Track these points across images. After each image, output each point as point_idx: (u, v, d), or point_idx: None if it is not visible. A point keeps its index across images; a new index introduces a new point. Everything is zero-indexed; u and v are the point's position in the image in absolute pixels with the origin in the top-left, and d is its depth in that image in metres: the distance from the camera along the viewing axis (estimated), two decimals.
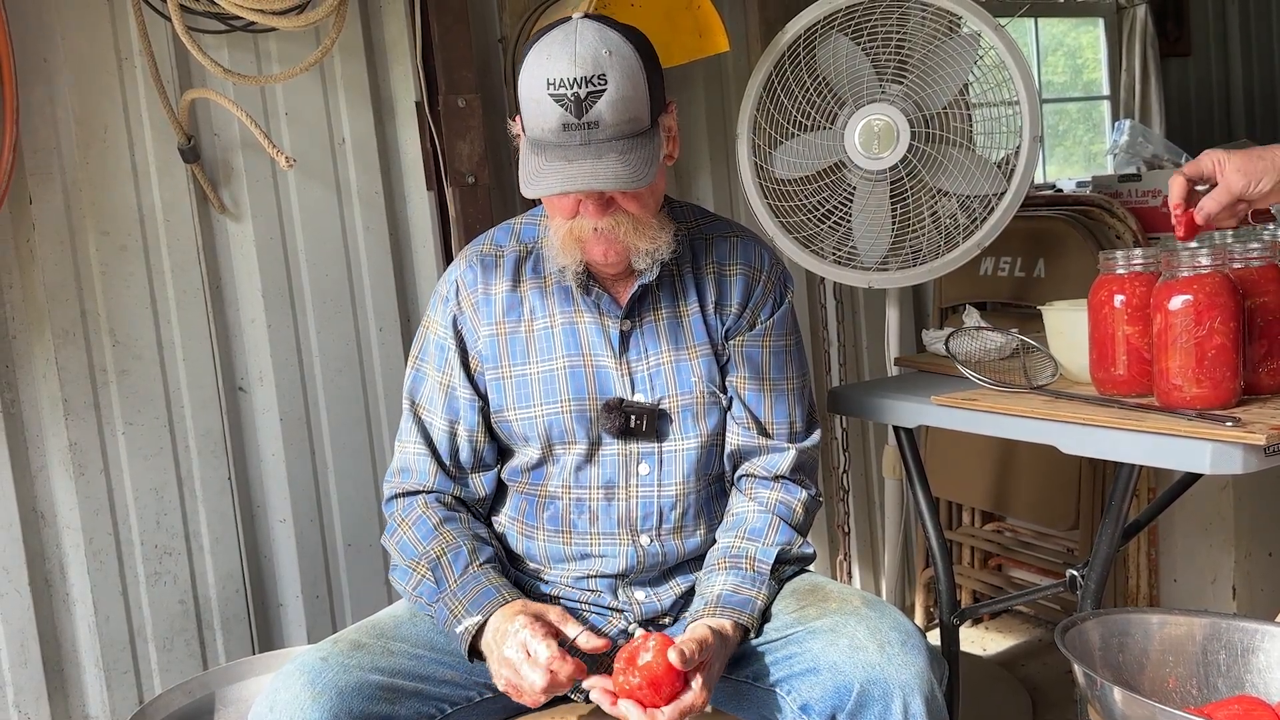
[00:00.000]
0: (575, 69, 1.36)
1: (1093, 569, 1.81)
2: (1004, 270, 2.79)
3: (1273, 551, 2.60)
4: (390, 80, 2.31)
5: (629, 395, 1.57)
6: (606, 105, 1.37)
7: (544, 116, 1.38)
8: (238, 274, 2.19)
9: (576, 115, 1.37)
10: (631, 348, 1.58)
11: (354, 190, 2.27)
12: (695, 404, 1.58)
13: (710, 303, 1.60)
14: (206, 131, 2.13)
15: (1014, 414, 1.69)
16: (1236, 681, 1.24)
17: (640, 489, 1.58)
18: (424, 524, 1.56)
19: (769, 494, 1.61)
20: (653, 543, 1.58)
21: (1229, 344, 1.49)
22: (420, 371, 1.64)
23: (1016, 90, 2.20)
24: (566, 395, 1.56)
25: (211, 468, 2.17)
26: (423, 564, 1.52)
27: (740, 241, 1.64)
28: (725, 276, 1.62)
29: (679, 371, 1.58)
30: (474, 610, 1.45)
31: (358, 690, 1.39)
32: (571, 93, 1.36)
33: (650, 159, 1.41)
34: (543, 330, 1.59)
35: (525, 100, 1.41)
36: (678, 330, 1.59)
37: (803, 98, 2.23)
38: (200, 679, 1.98)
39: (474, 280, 1.61)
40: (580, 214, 1.46)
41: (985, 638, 3.05)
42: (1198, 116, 4.53)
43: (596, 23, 1.42)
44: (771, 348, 1.62)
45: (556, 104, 1.37)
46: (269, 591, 2.26)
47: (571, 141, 1.38)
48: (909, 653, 1.39)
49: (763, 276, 1.63)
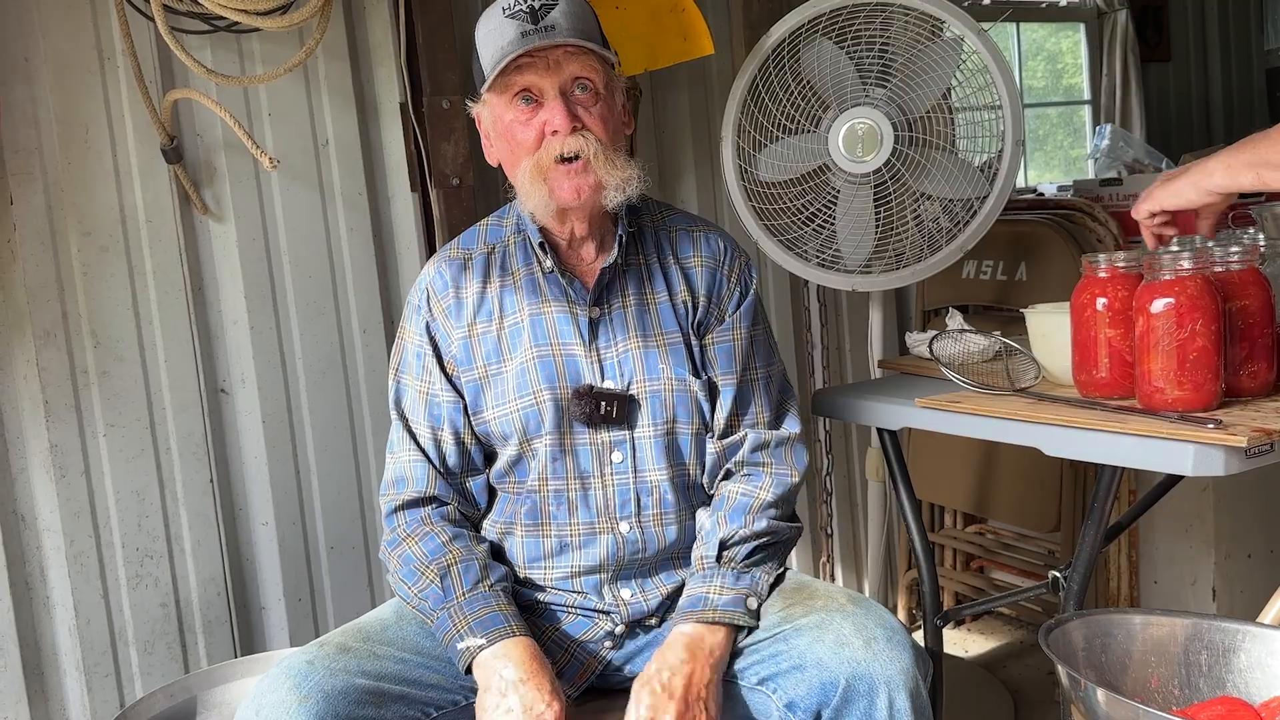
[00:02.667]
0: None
1: (1075, 571, 1.82)
2: (986, 273, 2.80)
3: (1252, 553, 2.62)
4: (374, 81, 2.30)
5: (599, 382, 1.57)
6: (560, 13, 1.48)
7: (502, 34, 1.48)
8: (220, 275, 2.18)
9: (533, 22, 1.46)
10: (600, 335, 1.60)
11: (337, 191, 2.26)
12: (664, 391, 1.59)
13: (678, 294, 1.62)
14: (189, 132, 2.12)
15: (997, 416, 1.70)
16: (1218, 681, 1.25)
17: (616, 477, 1.58)
18: (433, 539, 1.55)
19: (728, 486, 1.62)
20: (632, 529, 1.58)
21: (1210, 346, 1.50)
22: (401, 383, 1.65)
23: (999, 94, 2.21)
24: (539, 385, 1.57)
25: (193, 470, 2.15)
26: (432, 569, 1.51)
27: (703, 235, 1.67)
28: (691, 269, 1.64)
29: (647, 358, 1.59)
30: (479, 631, 1.45)
31: (344, 694, 1.38)
32: (525, 6, 1.47)
33: (606, 56, 1.50)
34: (513, 326, 1.60)
35: (484, 37, 1.51)
36: (646, 318, 1.61)
37: (787, 101, 2.24)
38: (182, 682, 1.96)
39: (444, 285, 1.63)
40: (545, 136, 1.50)
41: (967, 639, 3.06)
42: (1177, 121, 4.57)
43: None
44: (741, 340, 1.64)
45: (512, 19, 1.47)
46: (251, 594, 2.25)
47: (530, 43, 1.46)
48: (894, 649, 1.40)
49: (726, 269, 1.65)
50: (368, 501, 2.33)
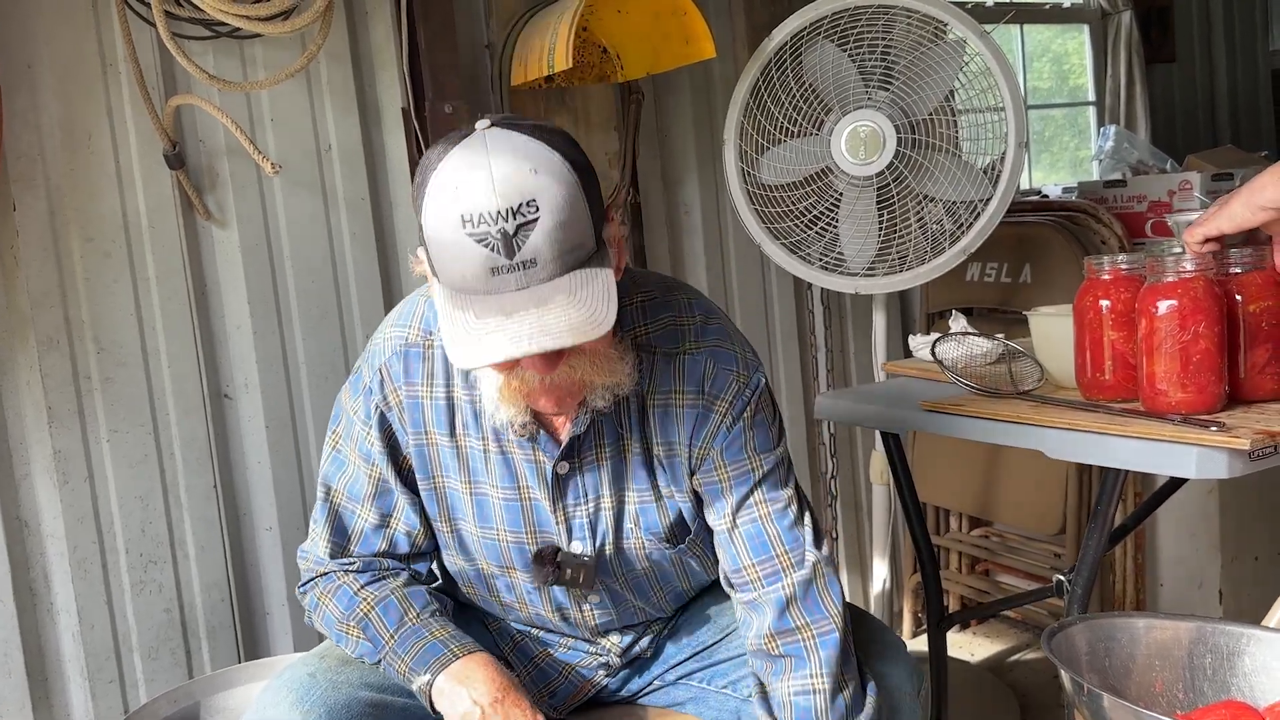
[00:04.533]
0: (496, 199, 1.10)
1: (1079, 574, 1.81)
2: (990, 276, 2.80)
3: (1259, 555, 2.61)
4: (377, 86, 2.31)
5: (565, 543, 1.40)
6: (543, 237, 1.11)
7: (464, 261, 1.12)
8: (223, 281, 2.18)
9: (507, 255, 1.11)
10: (569, 491, 1.39)
11: (340, 196, 2.27)
12: (636, 550, 1.43)
13: (657, 443, 1.38)
14: (192, 138, 2.12)
15: (1000, 419, 1.70)
16: (1223, 685, 1.24)
17: (597, 612, 1.49)
18: (344, 592, 1.40)
19: (777, 686, 1.38)
20: (624, 637, 1.54)
21: (1214, 348, 1.50)
22: (341, 456, 1.43)
23: (1002, 96, 2.20)
24: (503, 526, 1.40)
25: (197, 475, 2.15)
26: (352, 625, 1.39)
27: (689, 360, 1.36)
28: (670, 409, 1.36)
29: (621, 517, 1.40)
30: (420, 670, 1.33)
31: (346, 707, 1.35)
32: (497, 229, 1.10)
33: (605, 291, 1.14)
34: (476, 451, 1.38)
35: (435, 243, 1.15)
36: (621, 469, 1.38)
37: (789, 104, 2.24)
38: (186, 688, 1.96)
39: (400, 375, 1.38)
40: (524, 367, 1.22)
41: (973, 643, 3.05)
42: (1183, 122, 4.55)
43: (509, 131, 1.16)
44: (731, 479, 1.39)
45: (479, 245, 1.11)
46: (255, 599, 2.25)
47: (505, 287, 1.12)
48: (886, 663, 1.38)
49: (710, 401, 1.36)
50: None
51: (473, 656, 1.33)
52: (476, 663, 1.33)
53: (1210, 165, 2.86)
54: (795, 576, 1.37)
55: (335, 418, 1.45)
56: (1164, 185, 2.73)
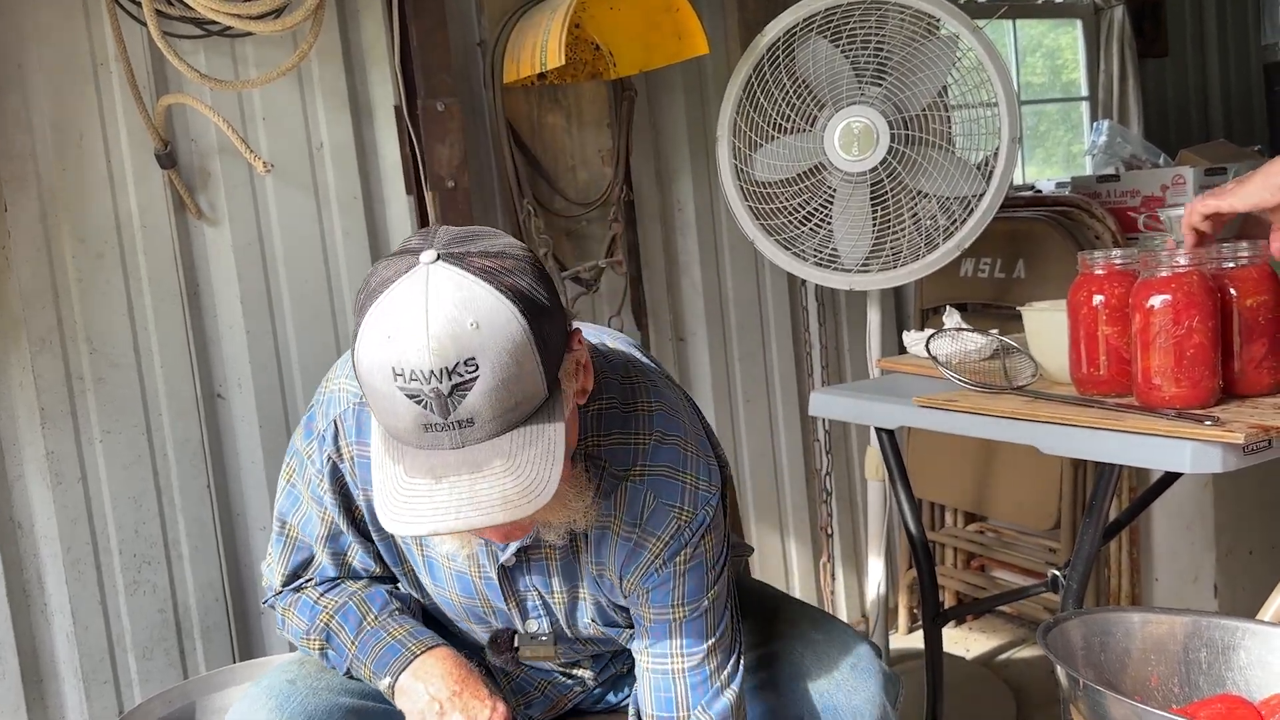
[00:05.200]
0: (430, 357, 0.99)
1: (1075, 569, 1.81)
2: (984, 271, 2.80)
3: (1254, 549, 2.62)
4: (368, 84, 2.30)
5: (520, 624, 1.38)
6: (481, 397, 1.01)
7: (397, 415, 1.03)
8: (216, 280, 2.17)
9: (441, 414, 1.01)
10: (518, 581, 1.35)
11: (332, 195, 2.26)
12: (594, 632, 1.40)
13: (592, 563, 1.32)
14: (183, 137, 2.12)
15: (994, 415, 1.69)
16: (1218, 679, 1.24)
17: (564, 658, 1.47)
18: (305, 603, 1.40)
19: None
20: (597, 664, 1.52)
21: (1208, 343, 1.49)
22: (295, 492, 1.39)
23: (995, 92, 2.20)
24: (455, 592, 1.37)
25: (190, 476, 2.15)
26: (314, 638, 1.38)
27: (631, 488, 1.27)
28: (607, 533, 1.29)
29: (573, 608, 1.37)
30: (381, 673, 1.32)
31: (327, 714, 1.35)
32: (430, 388, 1.00)
33: (552, 450, 1.05)
34: None
35: (368, 388, 1.05)
36: (574, 569, 1.33)
37: (782, 100, 2.23)
38: (180, 688, 1.96)
39: (353, 431, 1.30)
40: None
41: (969, 638, 3.06)
42: (1175, 117, 4.56)
43: (455, 271, 1.03)
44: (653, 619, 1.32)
45: (411, 401, 1.01)
46: (249, 600, 2.24)
47: (439, 444, 1.03)
48: (858, 676, 1.36)
49: (643, 537, 1.28)
50: None
51: (431, 652, 1.31)
52: (434, 657, 1.31)
53: (1203, 160, 2.86)
54: None
55: (290, 452, 1.39)
56: (1157, 180, 2.73)
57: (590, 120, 2.57)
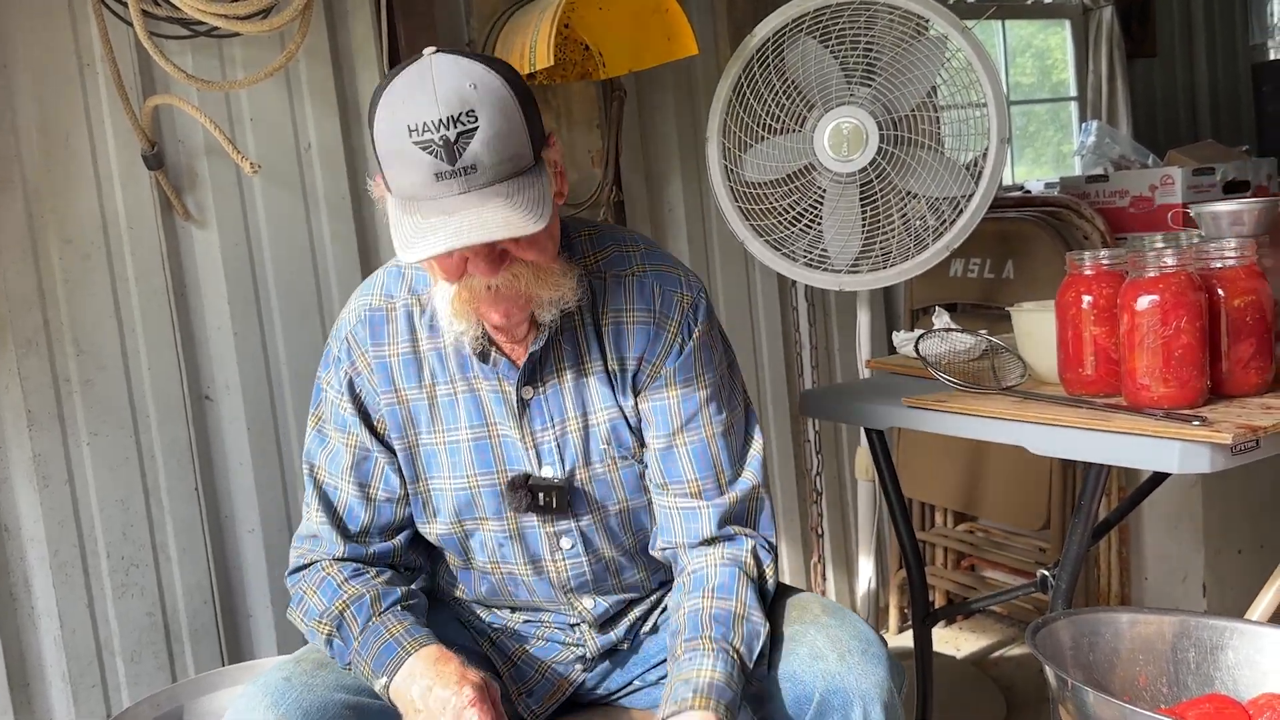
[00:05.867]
0: (439, 108, 1.20)
1: (1064, 569, 1.81)
2: (973, 271, 2.80)
3: (1242, 549, 2.63)
4: (356, 84, 2.29)
5: (536, 469, 1.45)
6: (481, 145, 1.21)
7: (411, 169, 1.22)
8: (203, 281, 2.16)
9: (449, 161, 1.20)
10: (535, 416, 1.45)
11: (320, 195, 2.25)
12: (608, 473, 1.47)
13: (611, 358, 1.45)
14: (170, 138, 2.11)
15: (983, 415, 1.70)
16: (1206, 679, 1.25)
17: (569, 561, 1.50)
18: (329, 584, 1.44)
19: (717, 550, 1.46)
20: (597, 603, 1.54)
21: (1195, 343, 1.50)
22: (322, 433, 1.49)
23: (984, 92, 2.21)
24: (474, 470, 1.45)
25: (178, 478, 2.14)
26: (326, 623, 1.42)
27: (637, 281, 1.46)
28: (623, 325, 1.45)
29: (588, 438, 1.45)
30: (379, 672, 1.36)
31: (322, 710, 1.35)
32: (439, 136, 1.20)
33: (541, 198, 1.25)
34: (446, 398, 1.45)
35: (386, 155, 1.25)
36: (584, 391, 1.45)
37: (772, 101, 2.23)
38: (169, 691, 1.95)
39: (365, 339, 1.46)
40: (470, 272, 1.30)
41: (959, 638, 3.06)
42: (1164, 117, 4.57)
43: (453, 55, 1.26)
44: (679, 396, 1.45)
45: (423, 152, 1.21)
46: (238, 602, 2.23)
47: (448, 191, 1.22)
48: (869, 661, 1.36)
49: (660, 319, 1.45)
50: None
51: (418, 653, 1.36)
52: (419, 658, 1.35)
53: (1191, 160, 2.87)
54: (735, 493, 1.47)
55: (314, 397, 1.51)
56: (1145, 180, 2.74)
57: (580, 121, 2.57)
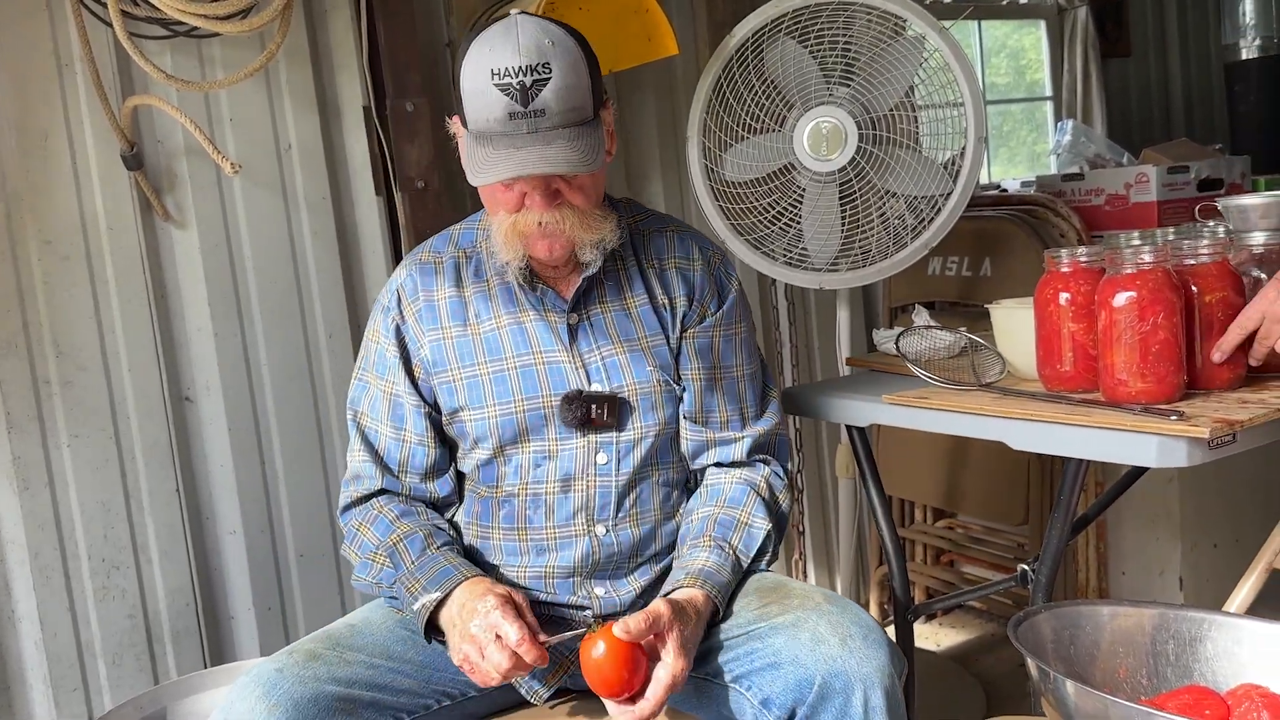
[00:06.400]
0: (520, 58, 1.38)
1: (1043, 564, 1.83)
2: (951, 270, 2.82)
3: (1218, 543, 2.66)
4: (336, 84, 2.29)
5: (586, 385, 1.57)
6: (552, 93, 1.39)
7: (489, 107, 1.40)
8: (183, 282, 2.15)
9: (522, 103, 1.38)
10: (581, 340, 1.58)
11: (301, 196, 2.25)
12: (653, 393, 1.58)
13: (658, 297, 1.61)
14: (150, 138, 2.10)
15: (963, 411, 1.71)
16: (1185, 670, 1.26)
17: (599, 479, 1.58)
18: (381, 521, 1.57)
19: (726, 474, 1.63)
20: (608, 533, 1.58)
21: (1172, 339, 1.52)
22: (363, 381, 1.64)
23: (961, 92, 2.22)
24: (520, 395, 1.56)
25: (159, 479, 2.13)
26: (380, 554, 1.54)
27: (676, 236, 1.66)
28: (666, 271, 1.63)
29: (634, 361, 1.58)
30: (432, 587, 1.45)
31: (314, 701, 1.37)
32: (517, 81, 1.38)
33: (596, 146, 1.43)
34: (490, 333, 1.58)
35: (469, 93, 1.43)
36: (627, 322, 1.60)
37: (751, 101, 2.24)
38: (151, 694, 1.94)
39: (414, 288, 1.61)
40: (526, 207, 1.47)
41: (939, 633, 3.08)
42: (1138, 116, 4.61)
43: (535, 17, 1.44)
44: (722, 336, 1.64)
45: (502, 93, 1.39)
46: (220, 604, 2.23)
47: (519, 130, 1.39)
48: (870, 647, 1.39)
49: (702, 268, 1.64)
50: (336, 508, 2.31)
51: (477, 579, 1.47)
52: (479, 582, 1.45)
53: (1165, 158, 2.89)
54: (761, 428, 1.66)
55: (361, 352, 1.66)
56: (1120, 178, 2.76)
57: None
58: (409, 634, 1.52)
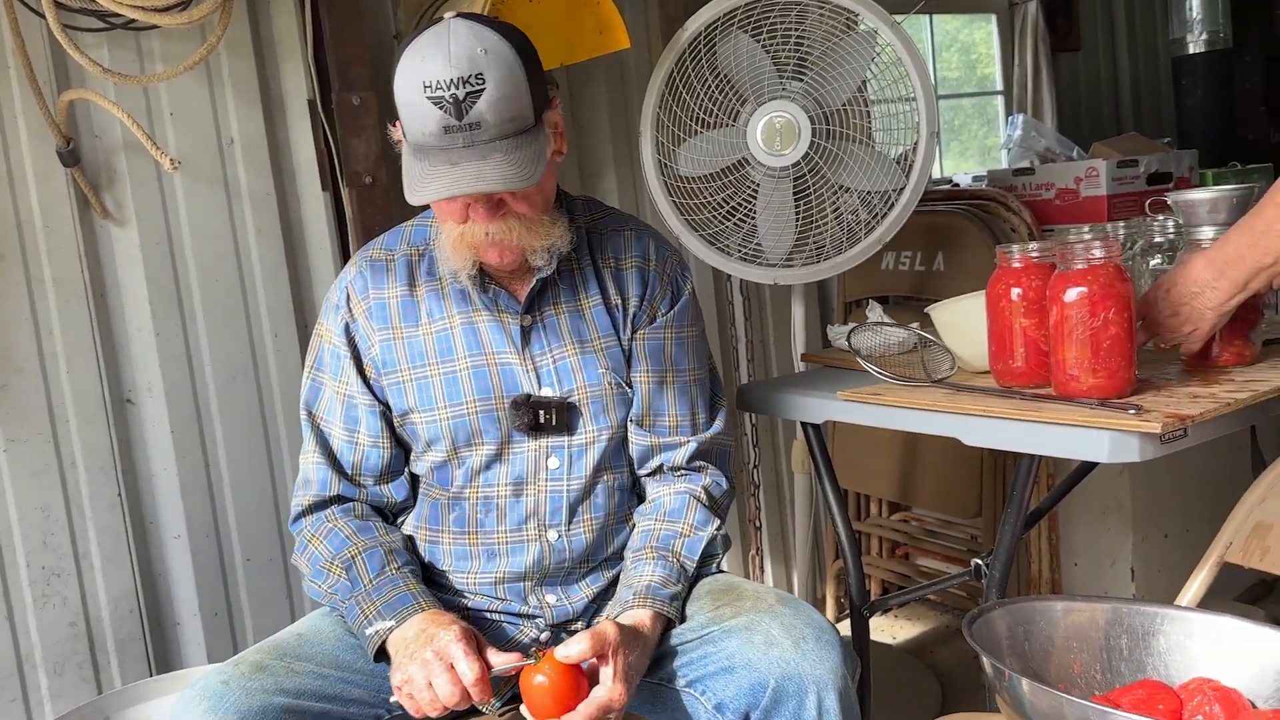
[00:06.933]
0: (451, 69, 1.33)
1: (997, 558, 1.83)
2: (905, 264, 2.82)
3: (1169, 534, 2.68)
4: (280, 77, 2.24)
5: (536, 390, 1.55)
6: (487, 105, 1.35)
7: (423, 120, 1.36)
8: (123, 281, 2.10)
9: (456, 117, 1.34)
10: (534, 342, 1.57)
11: (244, 192, 2.20)
12: (604, 396, 1.57)
13: (611, 297, 1.60)
14: (87, 134, 2.05)
15: (918, 408, 1.71)
16: (1138, 665, 1.26)
17: (550, 483, 1.57)
18: (336, 535, 1.54)
19: (677, 482, 1.62)
20: (560, 539, 1.57)
21: (1123, 334, 1.52)
22: (316, 381, 1.61)
23: (913, 86, 2.22)
24: (472, 396, 1.54)
25: (100, 484, 2.08)
26: (337, 565, 1.51)
27: (634, 235, 1.64)
28: (622, 270, 1.61)
29: (585, 364, 1.57)
30: (388, 614, 1.43)
31: (261, 713, 1.34)
32: (449, 94, 1.34)
33: (536, 157, 1.40)
34: (441, 332, 1.57)
35: (403, 105, 1.39)
36: (580, 323, 1.58)
37: (705, 95, 2.23)
38: (94, 704, 1.90)
39: (364, 286, 1.59)
40: (470, 219, 1.45)
41: (894, 626, 3.09)
42: (1088, 110, 4.64)
43: (470, 21, 1.39)
44: (673, 339, 1.62)
45: (435, 106, 1.35)
46: (165, 611, 2.18)
47: (454, 144, 1.36)
48: (823, 648, 1.39)
49: (658, 268, 1.62)
50: (284, 511, 2.27)
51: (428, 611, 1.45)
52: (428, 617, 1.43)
53: (1115, 152, 2.91)
54: (708, 435, 1.64)
55: (310, 350, 1.63)
56: (1071, 172, 2.78)
57: None
58: (357, 642, 1.49)
